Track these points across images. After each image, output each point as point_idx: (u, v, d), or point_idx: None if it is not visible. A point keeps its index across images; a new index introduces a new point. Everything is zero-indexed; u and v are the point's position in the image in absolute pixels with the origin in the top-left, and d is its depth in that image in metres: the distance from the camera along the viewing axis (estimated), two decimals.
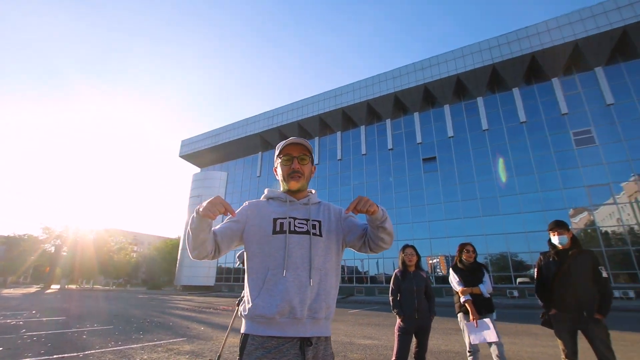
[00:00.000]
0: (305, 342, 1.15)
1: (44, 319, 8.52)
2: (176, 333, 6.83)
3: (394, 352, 3.19)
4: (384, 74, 29.92)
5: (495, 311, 3.44)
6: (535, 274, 3.07)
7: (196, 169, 46.19)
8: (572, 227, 19.90)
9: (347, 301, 19.97)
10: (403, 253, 3.51)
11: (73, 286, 44.18)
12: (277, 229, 1.25)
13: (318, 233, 1.29)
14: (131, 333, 6.64)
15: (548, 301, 2.87)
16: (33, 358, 4.38)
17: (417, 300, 3.28)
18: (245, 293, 1.26)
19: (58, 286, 40.45)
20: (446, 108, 27.72)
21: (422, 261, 3.72)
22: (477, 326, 3.18)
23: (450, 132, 26.88)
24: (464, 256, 3.60)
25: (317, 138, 34.36)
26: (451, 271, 3.64)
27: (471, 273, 3.49)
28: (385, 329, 7.86)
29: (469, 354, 3.32)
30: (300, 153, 1.35)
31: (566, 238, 2.85)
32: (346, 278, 27.69)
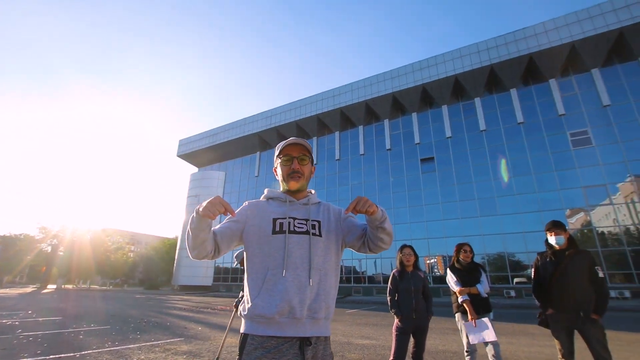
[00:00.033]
0: (304, 342, 1.15)
1: (40, 319, 8.47)
2: (174, 333, 6.81)
3: (392, 352, 3.20)
4: (382, 74, 29.97)
5: (492, 311, 3.45)
6: (532, 274, 3.09)
7: (194, 169, 46.08)
8: (569, 228, 19.98)
9: (345, 301, 19.98)
10: (401, 253, 3.52)
11: (70, 286, 43.97)
12: (277, 229, 1.25)
13: (318, 233, 1.29)
14: (128, 333, 6.62)
15: (545, 301, 2.89)
16: (29, 358, 4.35)
17: (415, 300, 3.28)
18: (244, 293, 1.26)
19: (54, 286, 40.27)
20: (444, 108, 27.79)
21: (420, 261, 3.74)
22: (476, 326, 3.19)
23: (448, 133, 26.95)
24: (462, 256, 3.61)
25: (316, 138, 34.35)
26: (449, 271, 3.65)
27: (468, 273, 3.50)
28: (383, 329, 7.87)
29: (467, 354, 3.33)
30: (300, 153, 1.35)
31: (563, 238, 2.87)
32: (344, 278, 27.70)
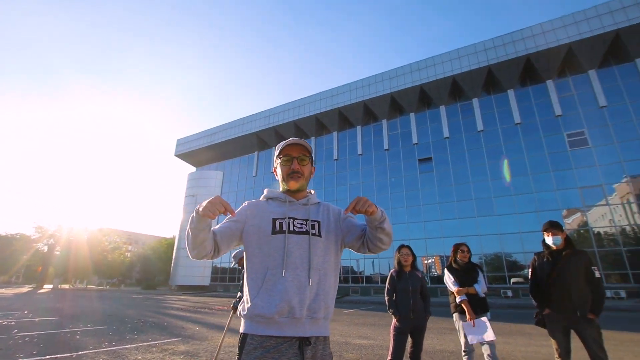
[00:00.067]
0: (304, 342, 1.15)
1: (37, 319, 8.42)
2: (171, 333, 6.79)
3: (390, 352, 3.21)
4: (380, 75, 30.01)
5: (490, 311, 3.47)
6: (529, 274, 3.10)
7: (192, 168, 45.94)
8: (566, 228, 20.10)
9: (343, 301, 19.99)
10: (399, 253, 3.52)
11: (66, 286, 43.76)
12: (277, 229, 1.26)
13: (317, 233, 1.29)
14: (125, 333, 6.60)
15: (542, 301, 2.90)
16: (25, 359, 4.33)
17: (413, 300, 3.29)
18: (244, 293, 1.26)
19: (51, 286, 40.04)
20: (442, 109, 27.86)
21: (417, 261, 3.74)
22: (475, 326, 3.20)
23: (445, 133, 27.02)
24: (459, 256, 3.62)
25: (314, 138, 34.35)
26: (446, 271, 3.66)
27: (466, 273, 3.51)
28: (380, 329, 7.88)
29: (464, 354, 3.35)
30: (299, 154, 1.36)
31: (560, 239, 2.88)
32: (342, 278, 27.71)
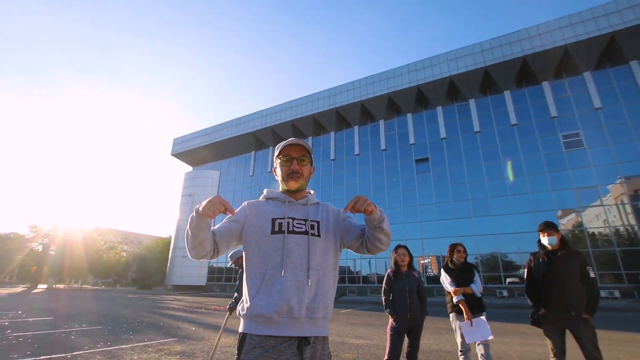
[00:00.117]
0: (303, 342, 1.16)
1: (31, 320, 8.35)
2: (167, 333, 6.76)
3: (387, 352, 3.21)
4: (378, 75, 30.06)
5: (485, 310, 3.48)
6: (525, 274, 3.12)
7: (188, 168, 45.77)
8: (561, 228, 20.19)
9: (340, 301, 20.01)
10: (396, 253, 3.53)
11: (61, 286, 43.39)
12: (276, 229, 1.26)
13: (316, 233, 1.30)
14: (121, 333, 6.56)
15: (538, 301, 2.92)
16: (19, 359, 4.29)
17: (410, 300, 3.30)
18: (243, 293, 1.26)
19: (45, 286, 39.70)
20: (439, 109, 27.97)
21: (414, 261, 3.75)
22: (473, 325, 3.21)
23: (442, 134, 27.12)
24: (455, 256, 3.63)
25: (311, 138, 34.34)
26: (443, 271, 3.67)
27: (462, 273, 3.53)
28: (377, 329, 7.89)
29: (461, 353, 3.36)
30: (299, 154, 1.36)
31: (555, 239, 2.90)
32: (339, 278, 27.53)
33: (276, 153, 1.39)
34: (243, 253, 1.32)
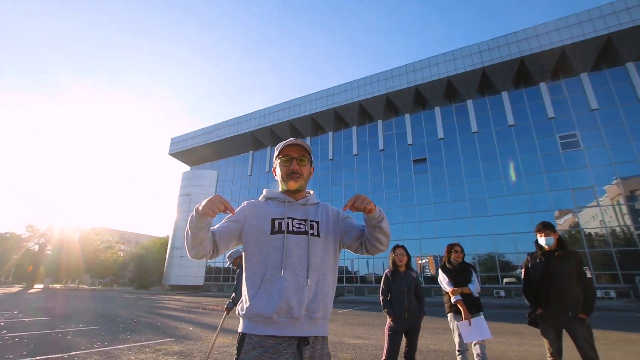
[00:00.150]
0: (302, 342, 1.16)
1: (27, 320, 8.30)
2: (164, 333, 6.74)
3: (384, 352, 3.22)
4: (376, 75, 30.10)
5: (483, 310, 3.50)
6: (522, 275, 3.13)
7: (186, 167, 45.64)
8: (557, 229, 20.31)
9: (337, 301, 20.02)
10: (394, 253, 3.54)
11: (57, 285, 43.18)
12: (276, 229, 1.26)
13: (316, 233, 1.30)
14: (118, 333, 6.53)
15: (535, 301, 2.93)
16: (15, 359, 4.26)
17: (407, 300, 3.31)
18: (242, 293, 1.26)
19: (41, 286, 39.49)
20: (437, 110, 28.03)
21: (412, 261, 3.75)
22: (471, 325, 3.22)
23: (440, 134, 27.18)
24: (453, 256, 3.64)
25: (309, 138, 34.33)
26: (440, 272, 3.68)
27: (460, 273, 3.54)
28: (375, 329, 7.90)
29: (458, 353, 3.37)
30: (299, 154, 1.36)
31: (552, 239, 2.91)
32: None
33: (276, 153, 1.39)
34: (241, 253, 1.32)
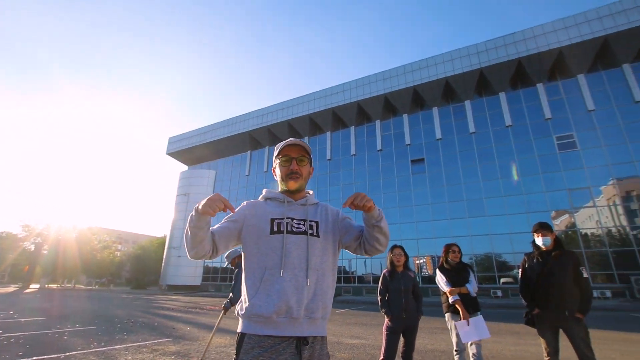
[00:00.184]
0: (301, 342, 1.16)
1: (22, 320, 8.25)
2: (161, 333, 6.72)
3: (382, 351, 3.22)
4: (374, 75, 30.14)
5: (480, 310, 3.51)
6: (519, 275, 3.15)
7: (183, 167, 45.51)
8: (554, 229, 20.39)
9: (335, 301, 20.02)
10: (391, 253, 3.55)
11: (53, 285, 42.93)
12: (275, 229, 1.26)
13: (315, 233, 1.30)
14: (115, 334, 6.51)
15: (532, 301, 2.95)
16: None
17: (405, 300, 3.31)
18: (242, 293, 1.27)
19: (37, 285, 39.24)
20: (435, 110, 28.10)
21: (409, 261, 3.76)
22: (469, 325, 3.23)
23: (438, 134, 27.25)
24: (450, 256, 3.65)
25: (307, 138, 34.31)
26: (438, 272, 3.69)
27: (457, 273, 3.55)
28: (372, 329, 7.91)
29: (456, 353, 3.38)
30: (298, 154, 1.36)
31: (549, 239, 2.93)
32: None
33: (275, 153, 1.39)
34: (239, 253, 1.33)
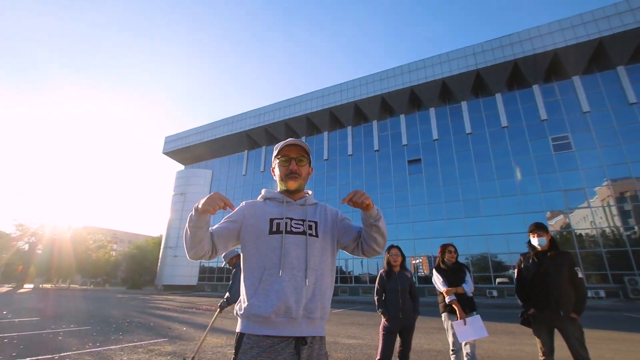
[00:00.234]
0: (300, 342, 1.16)
1: (16, 320, 8.17)
2: (157, 333, 6.69)
3: (379, 352, 3.23)
4: (372, 76, 30.19)
5: (477, 310, 3.53)
6: (515, 275, 3.17)
7: (180, 166, 45.30)
8: (549, 230, 20.53)
9: (332, 300, 20.03)
10: (388, 253, 3.55)
11: (48, 285, 42.57)
12: (274, 229, 1.26)
13: (314, 234, 1.30)
14: (110, 334, 6.46)
15: (527, 301, 2.97)
16: None
17: (402, 300, 3.32)
18: (240, 292, 1.26)
19: (32, 285, 38.90)
20: (431, 111, 28.20)
21: (406, 261, 3.77)
22: (466, 324, 3.24)
23: (435, 135, 27.36)
24: (447, 257, 3.67)
25: (304, 138, 34.30)
26: (435, 272, 3.70)
27: (453, 273, 3.57)
28: (369, 329, 7.92)
29: (452, 352, 3.40)
30: (298, 154, 1.36)
31: (545, 240, 2.95)
32: None
33: (275, 153, 1.40)
34: (237, 252, 1.33)
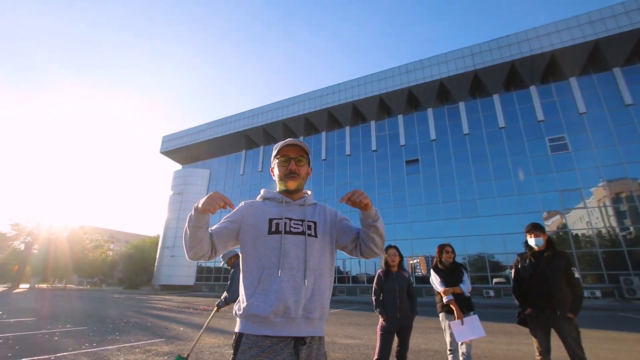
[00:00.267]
0: (299, 342, 1.16)
1: (12, 320, 8.11)
2: (154, 334, 6.66)
3: (376, 351, 3.23)
4: (370, 76, 30.23)
5: (474, 310, 3.54)
6: (512, 275, 3.18)
7: (177, 166, 45.15)
8: (546, 230, 20.64)
9: (330, 300, 20.04)
10: (386, 253, 3.56)
11: (44, 285, 42.30)
12: (273, 229, 1.26)
13: (313, 234, 1.30)
14: (106, 334, 6.44)
15: (524, 301, 2.98)
16: None
17: (400, 300, 3.33)
18: (239, 292, 1.26)
19: (27, 285, 38.64)
20: (429, 111, 28.28)
21: (404, 261, 3.78)
22: (464, 324, 3.25)
23: (432, 135, 27.43)
24: (444, 257, 3.68)
25: (302, 137, 34.27)
26: (432, 272, 3.72)
27: (451, 273, 3.58)
28: (366, 329, 7.93)
29: (449, 352, 3.41)
30: (297, 154, 1.37)
31: (542, 240, 2.97)
32: None
33: (274, 153, 1.40)
34: (235, 252, 1.32)
